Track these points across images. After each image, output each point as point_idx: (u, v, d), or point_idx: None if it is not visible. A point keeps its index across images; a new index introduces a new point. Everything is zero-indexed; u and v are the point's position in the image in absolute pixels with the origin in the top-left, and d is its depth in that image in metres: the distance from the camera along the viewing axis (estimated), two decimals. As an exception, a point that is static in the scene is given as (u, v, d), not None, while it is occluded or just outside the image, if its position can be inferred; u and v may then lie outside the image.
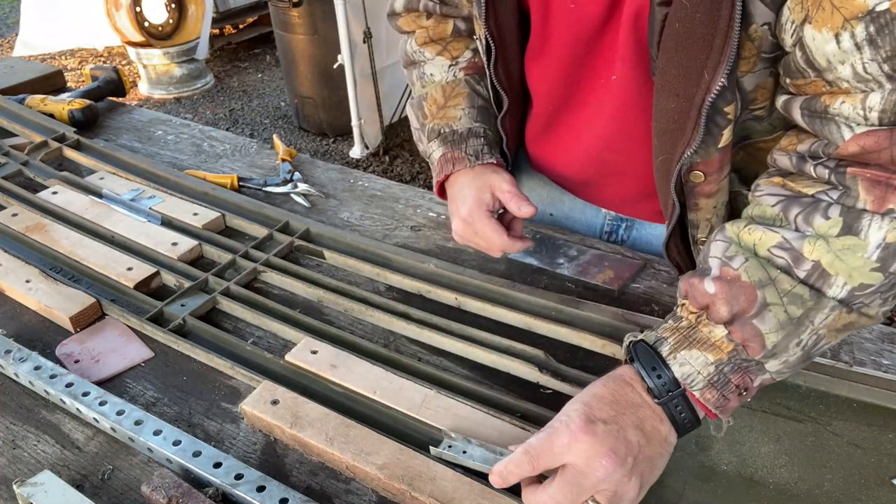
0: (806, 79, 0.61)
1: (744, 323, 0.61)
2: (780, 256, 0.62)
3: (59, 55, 4.84)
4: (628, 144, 0.84)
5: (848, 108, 0.58)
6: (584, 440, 0.58)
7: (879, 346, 0.82)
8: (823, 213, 0.61)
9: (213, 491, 0.65)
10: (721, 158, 0.72)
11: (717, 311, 0.62)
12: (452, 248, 1.03)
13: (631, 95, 0.78)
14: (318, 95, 3.64)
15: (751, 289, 0.61)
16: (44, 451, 0.73)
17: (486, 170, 0.88)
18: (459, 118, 0.91)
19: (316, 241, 1.03)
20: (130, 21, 4.02)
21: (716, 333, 0.62)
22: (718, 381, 0.61)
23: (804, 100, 0.63)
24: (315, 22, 3.38)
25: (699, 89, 0.65)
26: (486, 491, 0.64)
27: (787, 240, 0.61)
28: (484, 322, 0.87)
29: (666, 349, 0.63)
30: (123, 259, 0.97)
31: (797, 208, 0.63)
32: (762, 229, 0.63)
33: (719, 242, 0.66)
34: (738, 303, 0.61)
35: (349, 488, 0.68)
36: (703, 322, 0.63)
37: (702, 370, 0.61)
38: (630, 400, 0.62)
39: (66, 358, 0.83)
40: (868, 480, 0.67)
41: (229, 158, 1.30)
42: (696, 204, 0.78)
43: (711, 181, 0.74)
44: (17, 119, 1.36)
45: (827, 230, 0.60)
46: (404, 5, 0.96)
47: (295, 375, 0.79)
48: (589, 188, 1.00)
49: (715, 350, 0.61)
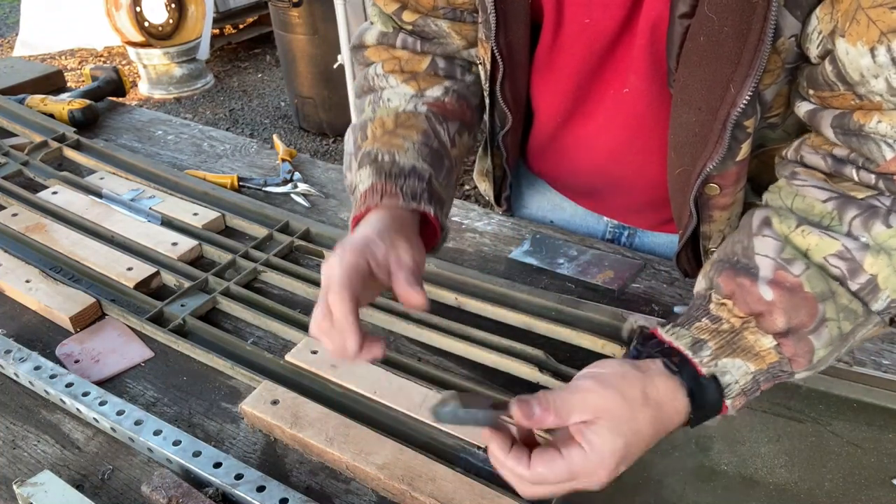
0: (834, 91, 0.60)
1: (800, 338, 0.57)
2: (836, 266, 0.58)
3: (59, 55, 4.83)
4: (638, 157, 0.82)
5: (885, 127, 0.56)
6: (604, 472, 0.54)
7: (879, 346, 0.82)
8: (885, 220, 0.57)
9: (213, 491, 0.65)
10: (738, 171, 0.71)
11: (772, 321, 0.57)
12: (452, 248, 1.03)
13: (644, 108, 0.77)
14: (318, 95, 3.64)
15: (813, 302, 0.57)
16: (44, 451, 0.73)
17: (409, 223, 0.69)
18: (406, 150, 0.73)
19: (316, 241, 1.03)
20: (130, 21, 4.02)
21: (762, 343, 0.57)
22: (750, 390, 0.58)
23: (834, 117, 0.61)
24: (315, 22, 3.38)
25: (724, 103, 0.64)
26: (486, 491, 0.64)
27: (849, 249, 0.57)
28: (484, 322, 0.87)
29: (707, 354, 0.57)
30: (123, 259, 0.97)
31: (854, 210, 0.59)
32: (818, 233, 0.59)
33: (769, 240, 0.60)
34: (799, 316, 0.56)
35: (349, 488, 0.68)
36: (751, 329, 0.58)
37: (740, 380, 0.57)
38: (667, 428, 0.57)
39: (66, 358, 0.83)
40: (868, 480, 0.67)
41: (229, 158, 1.30)
42: (711, 216, 0.76)
43: (727, 194, 0.73)
44: (17, 119, 1.36)
45: (887, 240, 0.57)
46: (376, 39, 0.85)
47: (295, 375, 0.79)
48: (593, 198, 0.98)
49: (758, 360, 0.57)
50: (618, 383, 0.55)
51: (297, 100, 3.75)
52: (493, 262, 0.99)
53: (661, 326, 0.60)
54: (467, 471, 0.67)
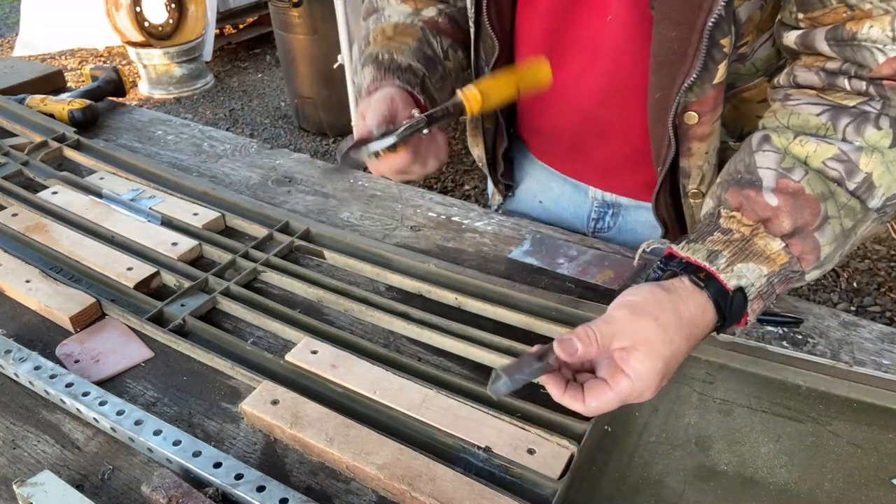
0: (826, 8, 0.63)
1: (805, 236, 0.62)
2: (834, 168, 0.63)
3: (59, 55, 4.83)
4: (621, 96, 0.84)
5: (877, 32, 0.60)
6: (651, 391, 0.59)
7: (879, 346, 0.82)
8: (875, 123, 0.62)
9: (213, 491, 0.65)
10: (715, 96, 0.74)
11: (779, 224, 0.62)
12: (452, 248, 1.03)
13: (626, 37, 0.79)
14: (318, 95, 3.64)
15: (815, 202, 0.62)
16: (44, 451, 0.73)
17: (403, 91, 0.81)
18: (403, 51, 0.86)
19: (316, 241, 1.04)
20: (130, 21, 4.02)
21: (772, 246, 0.62)
22: (766, 293, 0.63)
23: (828, 30, 0.64)
24: (315, 22, 3.38)
25: (701, 12, 0.67)
26: (486, 491, 0.64)
27: (845, 152, 0.62)
28: (484, 322, 0.87)
29: (722, 262, 0.62)
30: (123, 259, 0.97)
31: (846, 118, 0.64)
32: (815, 141, 0.64)
33: (770, 153, 0.66)
34: (803, 216, 0.62)
35: (349, 488, 0.68)
36: (760, 234, 0.63)
37: (756, 282, 0.62)
38: (698, 337, 0.62)
39: (66, 358, 0.83)
40: (868, 480, 0.67)
41: (229, 158, 1.30)
42: (689, 149, 0.79)
43: (705, 122, 0.76)
44: (17, 119, 1.36)
45: (879, 140, 0.62)
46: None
47: (295, 375, 0.79)
48: (577, 155, 1.00)
49: (770, 262, 0.62)
50: (651, 309, 0.59)
51: (297, 100, 3.75)
52: (493, 262, 0.99)
53: (676, 244, 0.64)
54: (467, 471, 0.67)
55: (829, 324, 0.86)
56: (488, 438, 0.70)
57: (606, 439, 0.72)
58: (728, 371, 0.79)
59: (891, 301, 2.46)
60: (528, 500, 0.64)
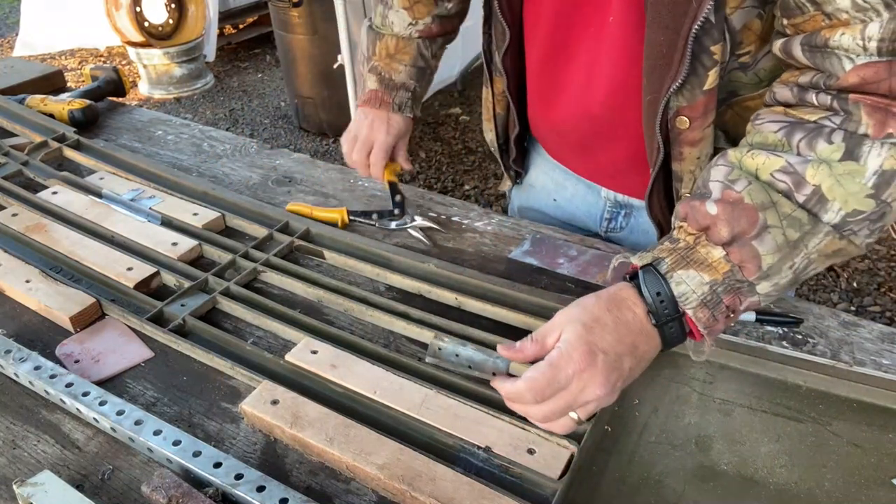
0: (805, 14, 0.63)
1: (743, 244, 0.63)
2: (781, 180, 0.63)
3: (59, 55, 4.83)
4: (622, 97, 0.85)
5: (848, 40, 0.60)
6: (587, 372, 0.61)
7: (879, 346, 0.82)
8: (827, 138, 0.62)
9: (213, 491, 0.65)
10: (706, 103, 0.74)
11: (717, 232, 0.63)
12: (452, 248, 1.03)
13: (626, 39, 0.80)
14: (318, 95, 3.64)
15: (753, 211, 0.63)
16: (44, 451, 0.73)
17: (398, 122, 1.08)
18: (400, 72, 1.07)
19: (316, 241, 1.04)
20: (130, 21, 4.02)
21: (713, 254, 0.63)
22: (711, 301, 0.63)
23: (804, 36, 0.65)
24: (315, 22, 3.38)
25: (686, 18, 0.68)
26: (485, 491, 0.64)
27: (791, 164, 0.63)
28: (484, 322, 0.87)
29: (663, 268, 0.64)
30: (123, 259, 0.97)
31: (800, 133, 0.64)
32: (765, 154, 0.65)
33: (721, 167, 0.67)
34: (740, 224, 0.62)
35: (349, 488, 0.68)
36: (702, 243, 0.64)
37: (696, 289, 0.63)
38: (630, 327, 0.64)
39: (66, 358, 0.83)
40: (868, 480, 0.67)
41: (229, 158, 1.30)
42: (681, 153, 0.80)
43: (696, 127, 0.77)
44: (17, 119, 1.36)
45: (829, 154, 0.62)
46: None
47: (295, 375, 0.79)
48: (586, 155, 1.01)
49: (711, 270, 0.63)
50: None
51: (298, 100, 3.75)
52: (493, 262, 0.99)
53: (634, 255, 0.68)
54: (467, 471, 0.67)
55: (829, 324, 0.86)
56: (488, 438, 0.70)
57: (606, 439, 0.72)
58: (728, 371, 0.79)
59: (891, 301, 2.46)
60: (528, 500, 0.63)
